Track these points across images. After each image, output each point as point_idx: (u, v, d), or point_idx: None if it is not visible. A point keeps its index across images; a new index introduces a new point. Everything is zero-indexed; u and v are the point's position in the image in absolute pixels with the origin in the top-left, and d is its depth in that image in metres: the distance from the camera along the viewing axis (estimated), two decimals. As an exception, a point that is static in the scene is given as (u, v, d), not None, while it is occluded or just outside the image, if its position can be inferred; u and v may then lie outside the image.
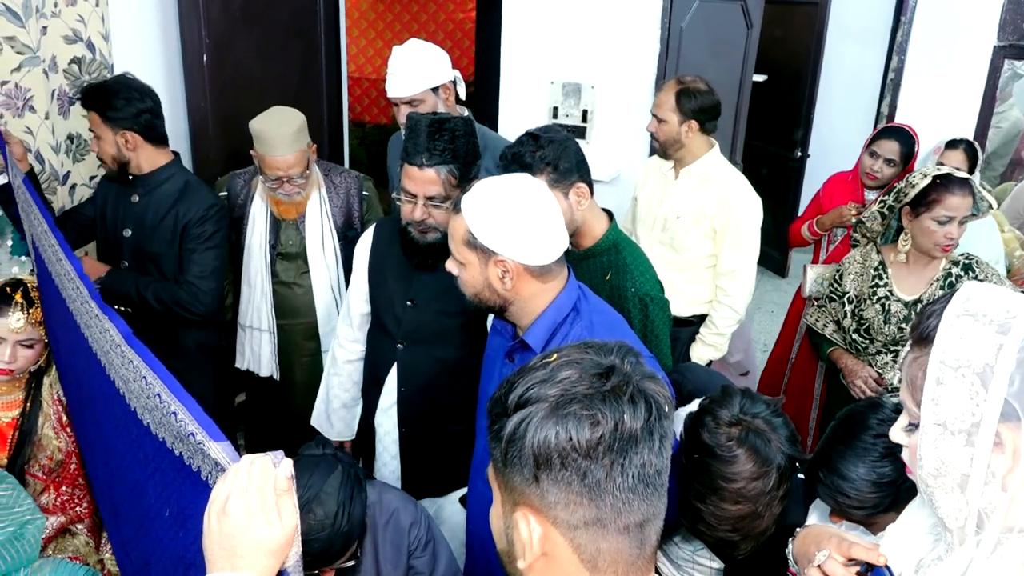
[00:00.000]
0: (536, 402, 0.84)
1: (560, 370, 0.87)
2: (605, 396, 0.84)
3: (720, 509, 1.41)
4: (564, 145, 1.83)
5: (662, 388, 0.89)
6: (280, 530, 0.89)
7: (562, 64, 3.71)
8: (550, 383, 0.85)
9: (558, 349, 0.92)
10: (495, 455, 0.89)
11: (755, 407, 1.44)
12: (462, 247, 1.53)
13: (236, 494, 0.89)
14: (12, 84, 2.66)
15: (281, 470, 0.91)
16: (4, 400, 2.13)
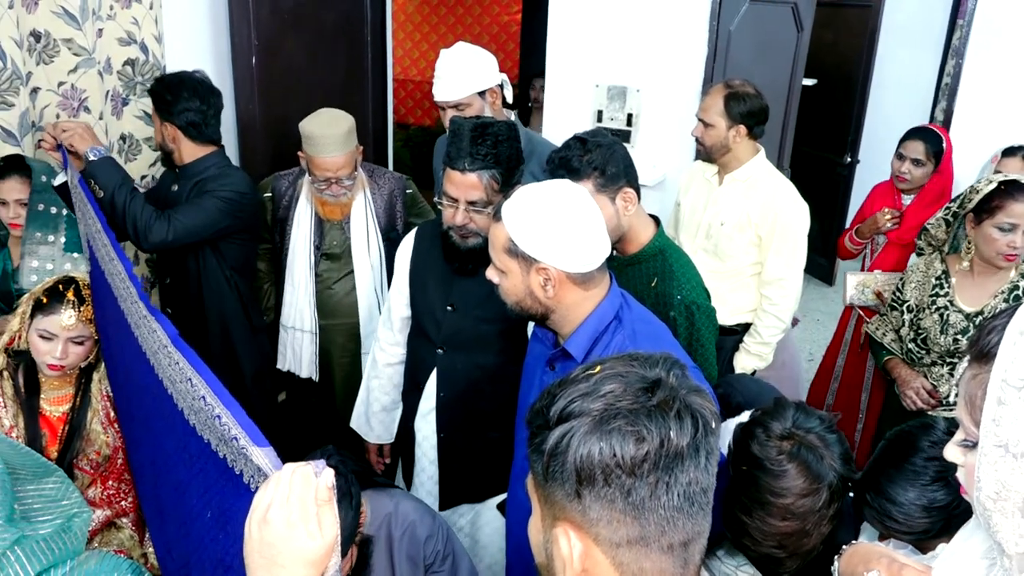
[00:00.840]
0: (579, 416, 0.83)
1: (604, 383, 0.85)
2: (651, 412, 0.82)
3: (766, 524, 1.37)
4: (612, 149, 1.81)
5: (708, 403, 0.87)
6: (320, 541, 0.88)
7: (607, 67, 3.68)
8: (593, 396, 0.84)
9: (601, 360, 0.91)
10: (535, 468, 0.87)
11: (809, 421, 1.40)
12: (503, 255, 1.52)
13: (277, 504, 0.88)
14: (69, 85, 2.72)
15: (322, 480, 0.90)
16: (55, 395, 2.18)
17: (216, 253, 2.64)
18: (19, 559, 1.95)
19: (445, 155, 1.95)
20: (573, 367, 1.55)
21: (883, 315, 2.65)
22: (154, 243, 2.43)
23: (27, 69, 2.59)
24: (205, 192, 2.53)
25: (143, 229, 2.40)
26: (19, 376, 2.15)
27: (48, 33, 2.64)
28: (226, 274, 2.66)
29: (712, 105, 2.67)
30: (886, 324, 2.61)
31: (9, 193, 2.45)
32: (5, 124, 2.57)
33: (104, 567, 2.03)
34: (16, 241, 2.51)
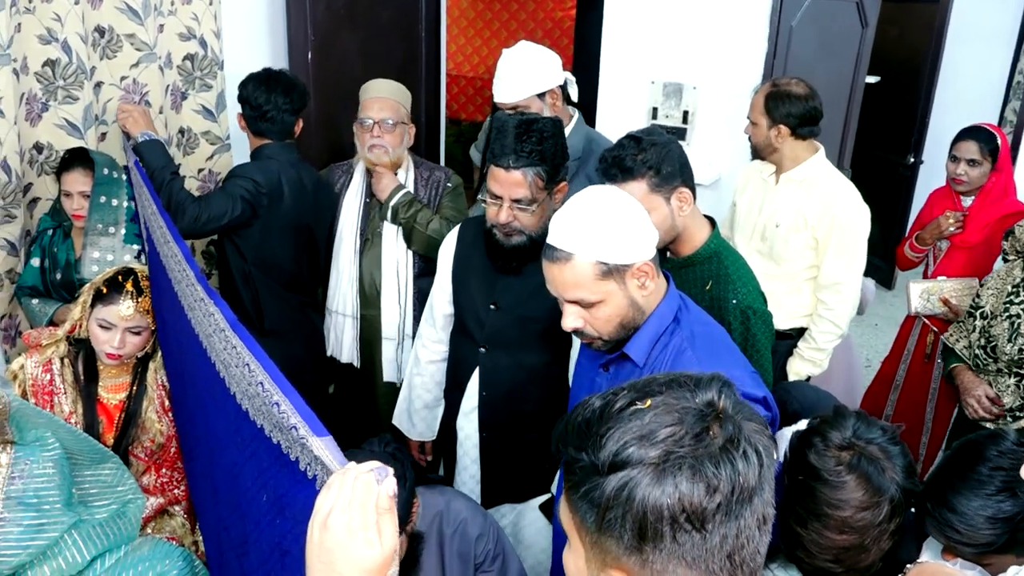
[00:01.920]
0: (637, 464, 0.77)
1: (658, 423, 0.79)
2: (717, 457, 0.77)
3: (822, 537, 1.32)
4: (667, 148, 1.76)
5: (764, 427, 0.83)
6: (379, 550, 0.86)
7: (663, 64, 3.62)
8: (650, 442, 0.78)
9: (647, 388, 0.84)
10: (582, 513, 0.82)
11: (870, 432, 1.34)
12: (595, 285, 1.44)
13: (338, 509, 0.87)
14: (130, 79, 2.78)
15: (384, 488, 0.88)
16: (113, 383, 2.23)
17: (233, 246, 2.68)
18: (75, 543, 2.00)
19: (489, 152, 1.94)
20: (630, 370, 1.54)
21: (960, 322, 2.55)
22: (185, 226, 2.46)
23: (91, 64, 2.66)
24: (231, 178, 2.60)
25: (175, 210, 2.44)
26: (79, 364, 2.20)
27: (112, 28, 2.70)
28: (246, 269, 2.69)
29: (757, 104, 2.63)
30: (961, 330, 2.52)
31: (73, 185, 2.51)
32: (70, 117, 2.64)
33: (156, 554, 2.07)
34: (79, 232, 2.58)
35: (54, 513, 1.93)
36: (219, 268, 2.81)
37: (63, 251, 2.59)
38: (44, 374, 2.17)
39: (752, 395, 1.45)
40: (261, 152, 2.66)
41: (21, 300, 2.60)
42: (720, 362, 1.46)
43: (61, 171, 2.54)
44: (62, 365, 2.19)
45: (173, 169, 2.49)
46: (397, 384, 2.78)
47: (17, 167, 2.51)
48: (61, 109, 2.62)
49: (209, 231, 2.58)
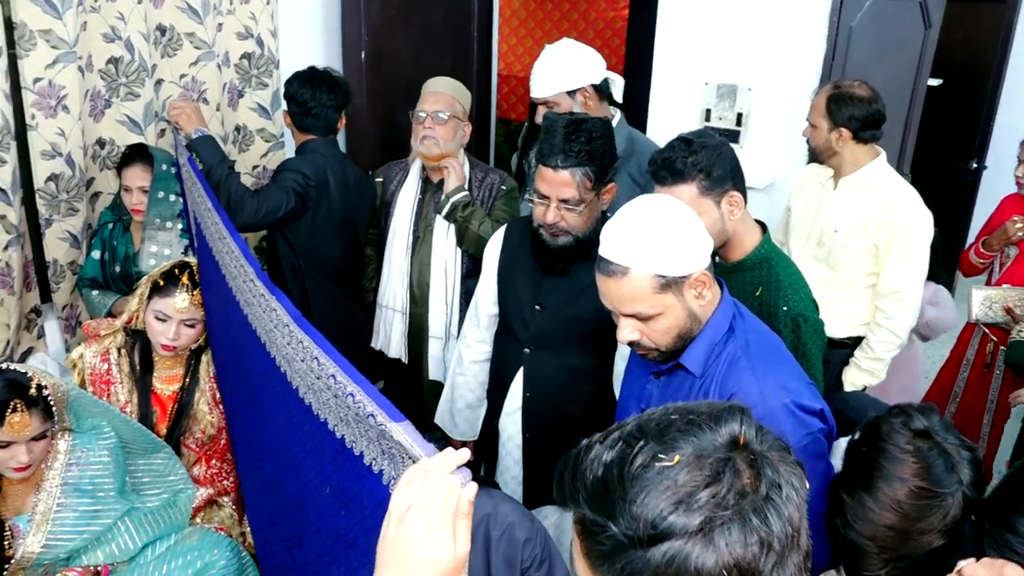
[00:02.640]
0: (682, 535, 0.73)
1: (694, 484, 0.74)
2: (764, 510, 0.74)
3: (864, 507, 1.29)
4: (718, 151, 1.73)
5: (787, 451, 0.80)
6: (452, 552, 0.85)
7: (717, 65, 3.55)
8: (690, 507, 0.73)
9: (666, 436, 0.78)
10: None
11: (952, 434, 1.32)
12: (654, 298, 1.41)
13: (418, 506, 0.86)
14: (190, 77, 2.85)
15: (466, 492, 0.88)
16: (167, 374, 2.28)
17: (284, 240, 2.72)
18: (128, 530, 2.05)
19: (537, 151, 1.92)
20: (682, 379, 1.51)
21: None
22: (245, 220, 2.51)
23: (152, 62, 2.73)
24: (281, 172, 2.65)
25: (235, 205, 2.49)
26: (135, 354, 2.26)
27: (172, 27, 2.77)
28: (295, 263, 2.72)
29: (817, 106, 2.56)
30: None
31: (133, 180, 2.58)
32: (131, 114, 2.71)
33: (205, 543, 2.11)
34: (137, 226, 2.65)
35: (108, 500, 1.99)
36: (269, 263, 2.86)
37: (122, 244, 2.66)
38: (102, 364, 2.23)
39: (809, 407, 1.41)
40: (306, 147, 2.71)
41: (82, 291, 2.68)
42: (775, 372, 1.43)
43: (122, 166, 2.60)
44: (119, 355, 2.25)
45: (229, 164, 2.54)
46: (443, 383, 2.79)
47: (80, 162, 2.59)
48: (123, 106, 2.69)
49: (267, 224, 2.62)
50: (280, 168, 2.68)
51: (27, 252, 2.58)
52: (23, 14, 2.35)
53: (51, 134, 2.49)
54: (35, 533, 1.88)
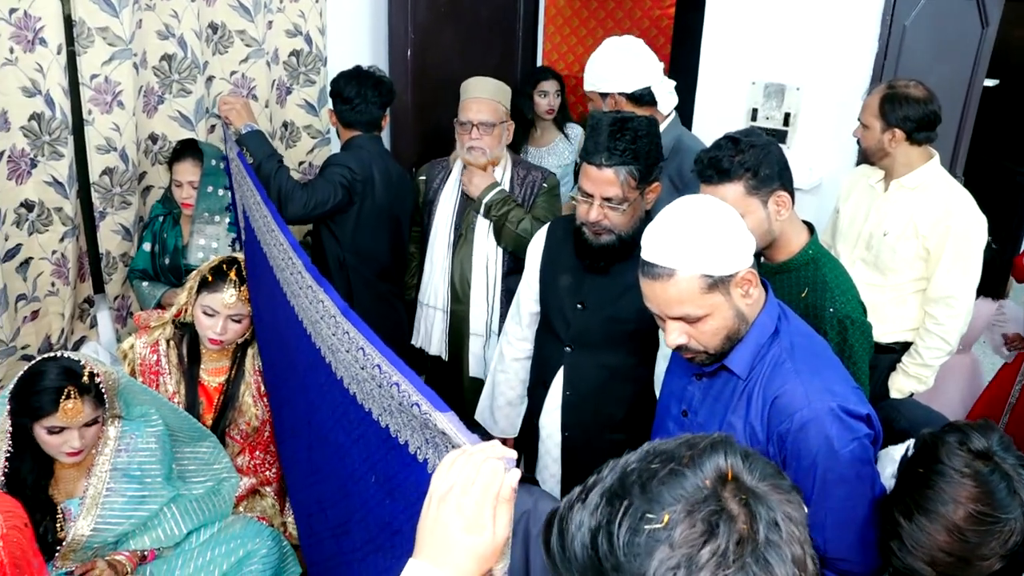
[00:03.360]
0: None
1: (691, 545, 0.71)
2: (765, 556, 0.71)
3: (923, 533, 1.25)
4: (766, 150, 1.70)
5: (779, 476, 0.78)
6: (490, 537, 0.86)
7: (765, 64, 3.50)
8: (694, 567, 0.71)
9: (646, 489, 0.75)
10: None
11: (1011, 453, 1.27)
12: (701, 298, 1.39)
13: (459, 488, 0.87)
14: (240, 74, 2.90)
15: (509, 478, 0.88)
16: (214, 367, 2.33)
17: (330, 234, 2.75)
18: (173, 516, 2.10)
19: (582, 149, 1.91)
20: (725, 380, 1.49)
21: None
22: (294, 213, 2.54)
23: (204, 59, 2.78)
24: (328, 166, 2.68)
25: (284, 198, 2.52)
26: (183, 346, 2.31)
27: (224, 25, 2.82)
28: (341, 256, 2.75)
29: (870, 106, 2.50)
30: None
31: (183, 175, 2.63)
32: (183, 110, 2.77)
33: (248, 532, 2.16)
34: (187, 220, 2.70)
35: (155, 486, 2.04)
36: (314, 258, 2.89)
37: (172, 237, 2.72)
38: (151, 354, 2.29)
39: (855, 412, 1.38)
40: (351, 143, 2.74)
41: (132, 282, 2.75)
42: (821, 376, 1.41)
43: (172, 161, 2.66)
44: (168, 347, 2.30)
45: (279, 158, 2.58)
46: (483, 380, 2.80)
47: (134, 156, 2.65)
48: (175, 102, 2.75)
49: (315, 217, 2.65)
50: (327, 163, 2.72)
51: (82, 243, 2.65)
52: (82, 12, 2.42)
53: (106, 129, 2.55)
54: (85, 516, 1.94)
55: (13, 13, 2.26)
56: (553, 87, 3.73)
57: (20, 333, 2.52)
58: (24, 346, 2.53)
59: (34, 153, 2.43)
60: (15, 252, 2.46)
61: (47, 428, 1.85)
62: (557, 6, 7.16)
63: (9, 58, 2.29)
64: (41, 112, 2.39)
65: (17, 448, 1.88)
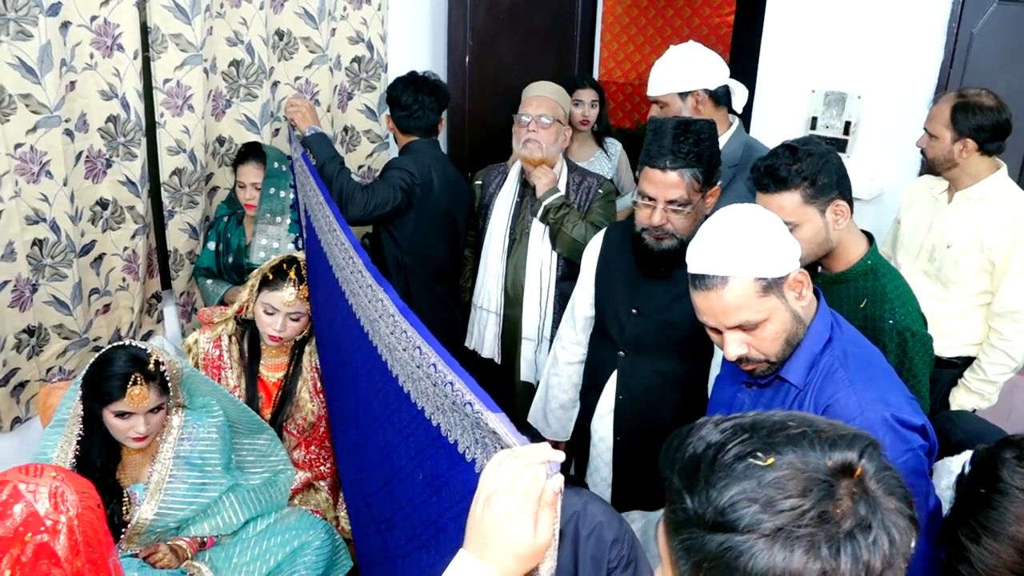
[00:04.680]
0: (746, 532, 0.71)
1: (779, 491, 0.72)
2: (839, 542, 0.70)
3: (994, 556, 1.22)
4: (824, 159, 1.69)
5: (906, 503, 0.75)
6: (532, 539, 0.89)
7: (826, 71, 3.46)
8: (767, 510, 0.71)
9: (773, 439, 0.76)
10: (676, 555, 0.78)
11: None
12: (758, 303, 1.39)
13: (503, 490, 0.90)
14: (304, 79, 2.99)
15: (551, 483, 0.91)
16: (273, 362, 2.40)
17: (390, 236, 2.80)
18: (232, 505, 2.17)
19: (644, 154, 1.92)
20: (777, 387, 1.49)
21: None
22: (355, 215, 2.60)
23: (270, 64, 2.87)
24: (388, 170, 2.74)
25: (346, 199, 2.58)
26: (244, 342, 2.39)
27: (290, 32, 2.91)
28: (400, 258, 2.80)
29: (939, 115, 2.44)
30: None
31: (247, 176, 2.72)
32: (249, 114, 2.87)
33: (302, 524, 2.21)
34: (250, 220, 2.79)
35: (215, 475, 2.11)
36: (374, 259, 2.95)
37: (235, 237, 2.81)
38: (214, 349, 2.37)
39: (910, 422, 1.36)
40: (409, 148, 2.79)
41: (197, 280, 2.85)
42: (875, 385, 1.39)
43: (237, 163, 2.76)
44: (230, 342, 2.38)
45: (341, 161, 2.65)
46: (534, 384, 2.82)
47: (202, 158, 2.75)
48: (242, 106, 2.85)
49: (375, 218, 2.71)
50: (387, 166, 2.78)
51: (151, 241, 2.76)
52: (157, 19, 2.52)
53: (177, 131, 2.66)
54: (149, 501, 2.01)
55: (94, 20, 2.38)
56: (590, 96, 3.44)
57: (92, 325, 2.63)
58: (96, 338, 2.65)
59: (110, 154, 2.54)
60: (90, 248, 2.57)
61: (115, 413, 1.93)
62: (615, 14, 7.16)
63: (89, 63, 2.41)
64: (117, 115, 2.50)
65: (88, 432, 1.97)
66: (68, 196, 2.43)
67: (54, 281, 2.48)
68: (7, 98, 2.24)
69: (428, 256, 2.85)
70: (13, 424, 2.51)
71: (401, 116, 2.76)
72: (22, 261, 2.37)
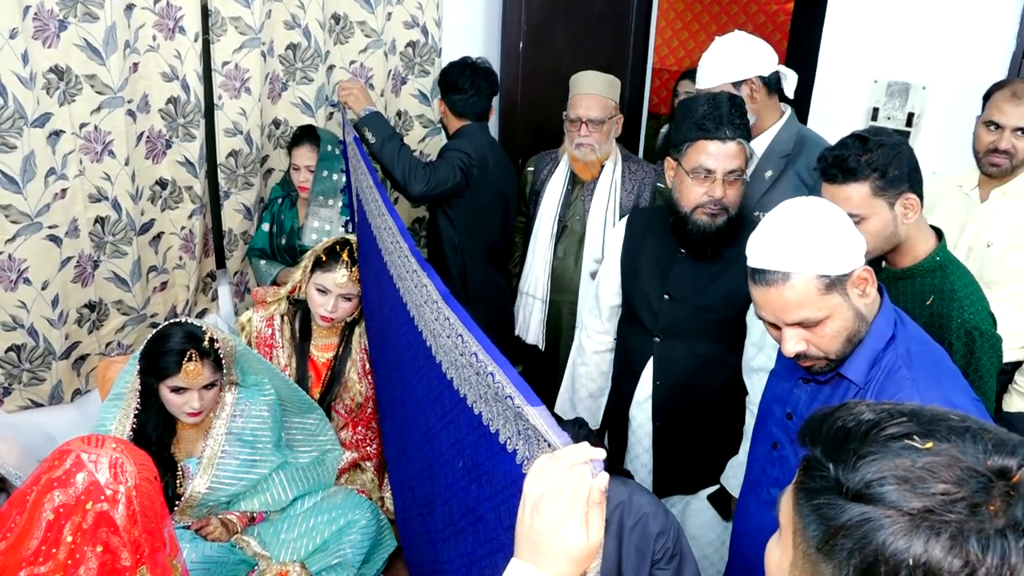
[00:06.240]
0: (890, 508, 0.68)
1: (932, 475, 0.69)
2: (988, 538, 0.66)
3: None
4: (896, 150, 1.63)
5: None
6: (585, 540, 0.89)
7: (889, 60, 3.35)
8: (915, 490, 0.68)
9: (934, 427, 0.73)
10: (807, 522, 0.75)
11: None
12: (820, 300, 1.36)
13: (550, 495, 0.90)
14: (358, 63, 3.00)
15: (597, 482, 0.90)
16: (323, 343, 2.43)
17: (446, 217, 2.79)
18: (281, 482, 2.20)
19: (695, 128, 1.92)
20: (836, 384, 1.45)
21: None
22: (417, 192, 2.60)
23: (326, 48, 2.89)
24: (446, 151, 2.74)
25: (409, 174, 2.57)
26: (296, 322, 2.42)
27: (346, 15, 2.92)
28: (455, 239, 2.79)
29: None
30: None
31: (301, 159, 2.75)
32: (304, 97, 2.89)
33: (349, 503, 2.24)
34: (303, 202, 2.82)
35: (265, 452, 2.15)
36: (429, 240, 2.96)
37: (289, 218, 2.85)
38: (267, 328, 2.41)
39: None
40: (462, 132, 2.79)
41: (251, 260, 2.89)
42: (939, 385, 1.34)
43: (292, 146, 2.78)
44: (282, 322, 2.41)
45: (400, 138, 2.65)
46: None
47: (257, 140, 2.79)
48: (298, 89, 2.87)
49: (436, 195, 2.70)
50: (444, 149, 2.78)
51: (207, 221, 2.81)
52: (217, 2, 2.56)
53: (234, 113, 2.69)
54: (202, 475, 2.06)
55: (157, 3, 2.42)
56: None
57: (150, 302, 2.69)
58: (153, 314, 2.71)
59: (169, 135, 2.59)
60: (149, 226, 2.63)
61: (171, 388, 1.97)
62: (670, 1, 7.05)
63: (152, 45, 2.45)
64: (177, 96, 2.55)
65: (144, 406, 2.02)
66: (129, 175, 2.48)
67: (115, 258, 2.54)
68: (73, 79, 2.29)
69: (483, 237, 2.85)
70: (74, 396, 2.58)
71: (457, 100, 2.76)
72: (85, 238, 2.44)
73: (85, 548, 1.23)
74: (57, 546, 1.22)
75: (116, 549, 1.26)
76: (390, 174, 2.58)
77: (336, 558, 2.16)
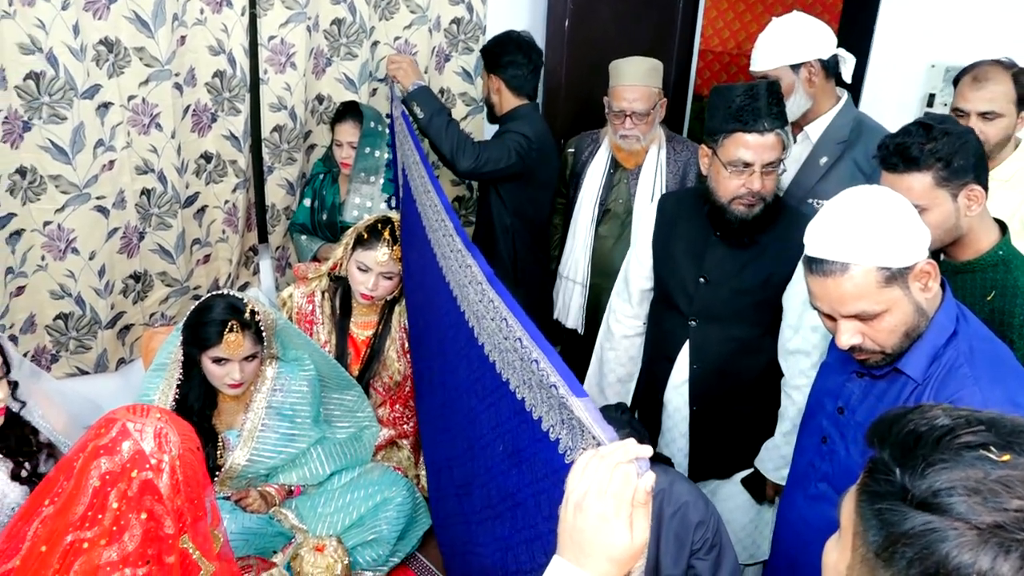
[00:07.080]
0: (958, 520, 0.65)
1: (1008, 489, 0.65)
2: None
3: None
4: (962, 139, 1.56)
5: None
6: (629, 541, 0.87)
7: (947, 44, 3.23)
8: (988, 503, 0.65)
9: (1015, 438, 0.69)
10: (867, 525, 0.73)
11: None
12: (879, 293, 1.31)
13: (594, 494, 0.88)
14: (403, 40, 2.97)
15: (643, 482, 0.88)
16: (363, 320, 2.43)
17: (498, 197, 2.76)
18: (319, 456, 2.22)
19: (732, 119, 1.89)
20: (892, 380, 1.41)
21: None
22: (465, 168, 2.55)
23: (371, 24, 2.87)
24: (505, 132, 2.68)
25: (457, 152, 2.53)
26: (336, 299, 2.42)
27: (392, -9, 2.90)
28: (507, 221, 2.76)
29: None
30: None
31: (344, 135, 2.74)
32: (348, 73, 2.88)
33: (385, 480, 2.25)
34: (345, 179, 2.82)
35: (304, 426, 2.16)
36: (479, 220, 2.93)
37: (330, 194, 2.85)
38: (307, 304, 2.42)
39: None
40: (518, 113, 2.71)
41: (292, 235, 2.90)
42: (1003, 384, 1.29)
43: (335, 121, 2.78)
44: (323, 298, 2.42)
45: (448, 112, 2.61)
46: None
47: (301, 115, 2.78)
48: (342, 64, 2.86)
49: (485, 174, 2.65)
50: (503, 130, 2.72)
51: (251, 195, 2.83)
52: (265, -25, 2.55)
53: (279, 88, 2.69)
54: (242, 447, 2.08)
55: (206, -25, 2.42)
56: None
57: (193, 274, 2.72)
58: (196, 287, 2.74)
59: (215, 108, 2.59)
60: (194, 199, 2.65)
61: (212, 358, 1.99)
62: (718, -20, 6.91)
63: (199, 18, 2.45)
64: (223, 70, 2.55)
65: (187, 377, 2.04)
66: (175, 148, 2.50)
67: (160, 230, 2.56)
68: (123, 51, 2.30)
69: (531, 219, 2.81)
70: (118, 365, 2.63)
71: (516, 75, 2.68)
72: (131, 209, 2.46)
73: (130, 515, 1.25)
74: (103, 512, 1.24)
75: (160, 517, 1.27)
76: (438, 149, 2.55)
77: (372, 534, 2.17)
